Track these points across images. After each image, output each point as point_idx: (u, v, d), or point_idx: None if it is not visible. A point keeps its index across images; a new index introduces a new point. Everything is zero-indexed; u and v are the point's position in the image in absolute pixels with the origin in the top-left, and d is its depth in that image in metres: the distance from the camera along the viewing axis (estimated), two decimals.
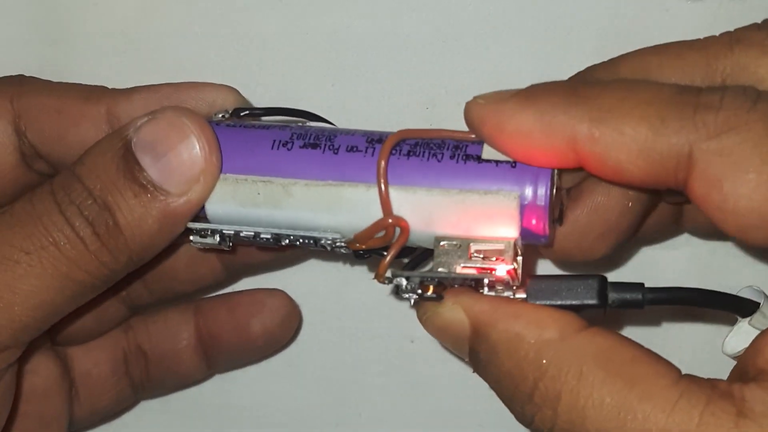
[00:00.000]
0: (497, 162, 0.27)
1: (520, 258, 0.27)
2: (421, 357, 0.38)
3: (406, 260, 0.29)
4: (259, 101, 0.33)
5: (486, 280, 0.27)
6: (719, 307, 0.29)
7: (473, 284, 0.27)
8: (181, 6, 0.36)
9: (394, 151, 0.28)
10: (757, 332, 0.27)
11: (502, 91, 0.27)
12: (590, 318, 0.26)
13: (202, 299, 0.37)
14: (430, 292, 0.28)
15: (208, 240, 0.29)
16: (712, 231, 0.33)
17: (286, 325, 0.37)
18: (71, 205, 0.28)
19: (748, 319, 0.29)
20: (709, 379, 0.25)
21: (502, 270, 0.27)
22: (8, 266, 0.28)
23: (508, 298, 0.27)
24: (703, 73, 0.28)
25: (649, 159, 0.25)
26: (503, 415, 0.38)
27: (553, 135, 0.25)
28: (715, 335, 0.37)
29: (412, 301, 0.28)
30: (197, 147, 0.28)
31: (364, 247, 0.28)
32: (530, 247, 0.28)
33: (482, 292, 0.27)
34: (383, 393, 0.38)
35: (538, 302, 0.27)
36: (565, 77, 0.36)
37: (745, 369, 0.25)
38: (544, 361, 0.25)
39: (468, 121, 0.27)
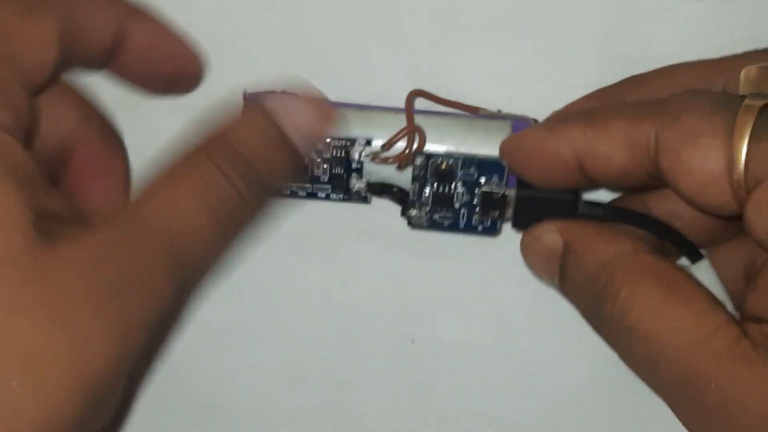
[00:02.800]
0: None
1: None
2: (421, 357, 0.38)
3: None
4: None
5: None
6: (673, 243, 0.34)
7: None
8: (179, 6, 0.36)
9: None
10: None
11: None
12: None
13: None
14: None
15: None
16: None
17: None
18: (228, 165, 0.31)
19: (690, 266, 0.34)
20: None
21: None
22: None
23: (588, 221, 0.34)
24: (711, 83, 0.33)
25: (629, 146, 0.31)
26: (503, 415, 0.38)
27: (557, 142, 0.32)
28: None
29: None
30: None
31: (388, 158, 0.35)
32: None
33: None
34: (383, 393, 0.38)
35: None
36: (565, 76, 0.36)
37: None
38: (617, 267, 0.31)
39: (502, 151, 0.34)
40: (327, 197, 0.36)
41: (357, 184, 0.35)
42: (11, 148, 0.28)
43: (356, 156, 0.35)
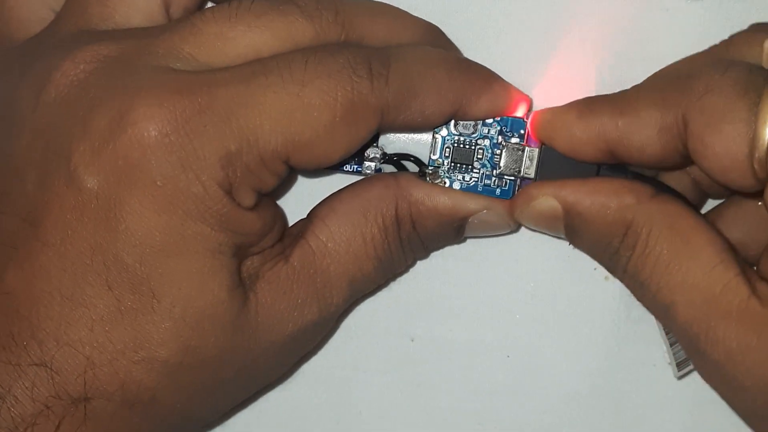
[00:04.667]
0: None
1: None
2: (421, 356, 0.38)
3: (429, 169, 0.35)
4: None
5: None
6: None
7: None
8: None
9: None
10: None
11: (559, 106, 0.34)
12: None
13: None
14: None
15: None
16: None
17: None
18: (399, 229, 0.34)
19: None
20: (744, 261, 0.31)
21: None
22: None
23: (581, 179, 0.33)
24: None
25: (662, 132, 0.31)
26: (503, 415, 0.38)
27: (588, 130, 0.32)
28: None
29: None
30: None
31: None
32: None
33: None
34: (383, 391, 0.38)
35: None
36: (565, 76, 0.36)
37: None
38: (626, 221, 0.32)
39: (533, 123, 0.34)
40: (341, 167, 0.35)
41: (372, 152, 0.35)
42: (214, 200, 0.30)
43: None
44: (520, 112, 0.34)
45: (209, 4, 0.36)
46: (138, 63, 0.30)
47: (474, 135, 0.34)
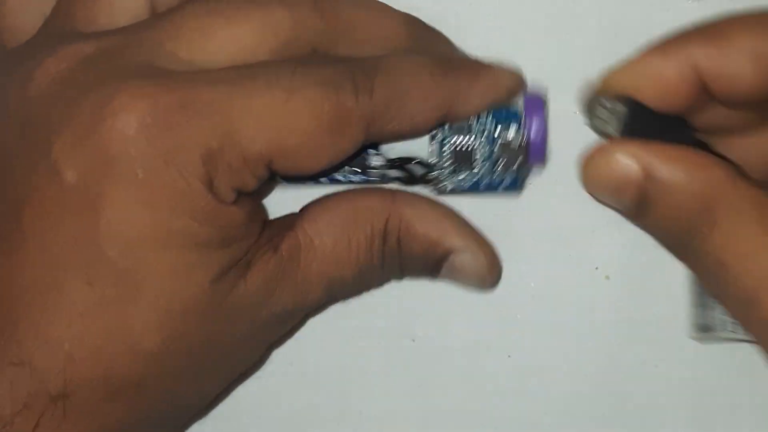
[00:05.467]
0: None
1: None
2: (422, 356, 0.38)
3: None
4: None
5: None
6: None
7: None
8: None
9: None
10: None
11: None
12: None
13: None
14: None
15: None
16: None
17: None
18: (382, 241, 0.34)
19: None
20: None
21: None
22: None
23: (663, 144, 0.30)
24: None
25: (756, 60, 0.30)
26: (503, 415, 0.38)
27: (679, 65, 0.31)
28: None
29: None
30: None
31: None
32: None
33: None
34: (383, 391, 0.38)
35: None
36: (565, 76, 0.36)
37: None
38: (714, 198, 0.29)
39: (613, 80, 0.33)
40: (345, 179, 0.35)
41: (375, 161, 0.35)
42: (197, 196, 0.30)
43: None
44: (514, 96, 0.34)
45: None
46: (120, 61, 0.31)
47: (470, 133, 0.34)
